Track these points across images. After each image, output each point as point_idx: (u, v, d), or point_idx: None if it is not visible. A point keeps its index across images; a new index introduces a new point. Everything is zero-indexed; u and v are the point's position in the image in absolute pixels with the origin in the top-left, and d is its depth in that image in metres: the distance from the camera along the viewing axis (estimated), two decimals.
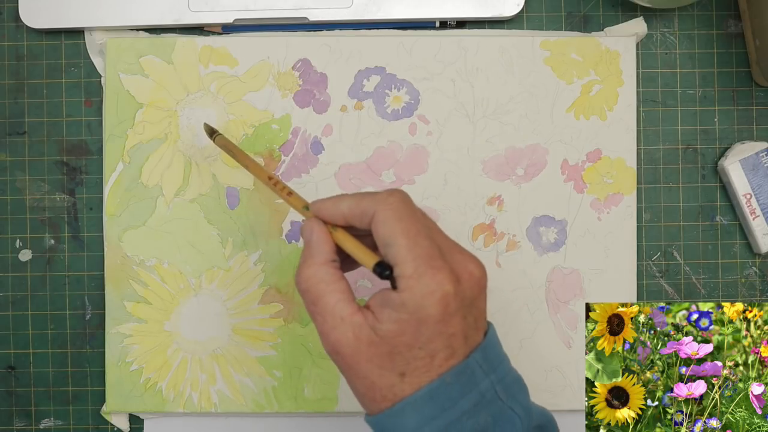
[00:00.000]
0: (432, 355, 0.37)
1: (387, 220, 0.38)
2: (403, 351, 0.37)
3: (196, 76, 0.54)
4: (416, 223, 0.38)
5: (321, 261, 0.39)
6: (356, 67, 0.54)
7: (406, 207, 0.38)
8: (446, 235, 0.40)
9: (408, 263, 0.37)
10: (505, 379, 0.39)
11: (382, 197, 0.38)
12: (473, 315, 0.38)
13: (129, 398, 0.54)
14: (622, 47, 0.54)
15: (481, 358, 0.38)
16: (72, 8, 0.53)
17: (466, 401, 0.37)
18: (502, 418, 0.38)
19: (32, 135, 0.55)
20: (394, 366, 0.37)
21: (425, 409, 0.37)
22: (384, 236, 0.38)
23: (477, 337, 0.39)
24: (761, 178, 0.54)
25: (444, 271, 0.37)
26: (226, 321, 0.54)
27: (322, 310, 0.38)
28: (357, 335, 0.37)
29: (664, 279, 0.56)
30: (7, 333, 0.55)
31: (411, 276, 0.36)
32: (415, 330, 0.36)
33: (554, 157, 0.54)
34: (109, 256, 0.54)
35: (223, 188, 0.54)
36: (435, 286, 0.36)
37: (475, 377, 0.38)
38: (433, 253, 0.37)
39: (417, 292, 0.36)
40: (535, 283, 0.54)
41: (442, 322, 0.37)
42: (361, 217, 0.39)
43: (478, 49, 0.54)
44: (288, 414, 0.54)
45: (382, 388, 0.37)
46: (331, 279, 0.39)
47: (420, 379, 0.37)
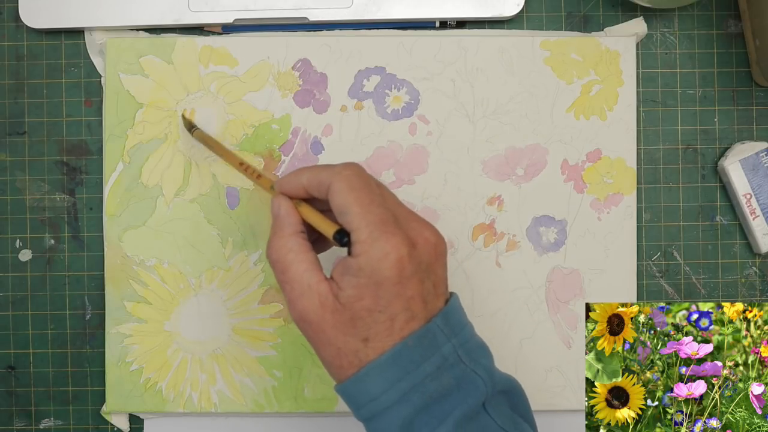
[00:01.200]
0: (392, 319, 0.38)
1: (341, 191, 0.39)
2: (364, 316, 0.38)
3: (196, 76, 0.54)
4: (369, 193, 0.40)
5: (290, 232, 0.41)
6: (356, 67, 0.54)
7: (359, 178, 0.40)
8: (405, 206, 0.42)
9: (362, 229, 0.38)
10: (468, 344, 0.40)
11: (337, 169, 0.40)
12: (431, 280, 0.40)
13: (129, 398, 0.54)
14: (622, 47, 0.54)
15: (443, 323, 0.39)
16: (72, 8, 0.53)
17: (428, 364, 0.39)
18: (465, 381, 0.39)
19: (32, 135, 0.55)
20: (357, 332, 0.38)
21: (389, 372, 0.38)
22: (339, 205, 0.39)
23: (437, 302, 0.40)
24: (761, 178, 0.54)
25: (398, 235, 0.38)
26: (226, 321, 0.54)
27: (291, 278, 0.40)
28: (322, 303, 0.39)
29: (664, 279, 0.56)
30: (7, 333, 0.55)
31: (365, 241, 0.38)
32: (373, 293, 0.38)
33: (554, 157, 0.54)
34: (109, 256, 0.54)
35: (223, 188, 0.54)
36: (389, 248, 0.38)
37: (437, 341, 0.39)
38: (387, 219, 0.39)
39: (372, 256, 0.38)
40: (535, 283, 0.54)
41: (399, 284, 0.38)
42: (319, 188, 0.41)
43: (478, 49, 0.54)
44: (288, 414, 0.54)
45: (347, 354, 0.39)
46: (299, 249, 0.40)
47: (383, 343, 0.38)
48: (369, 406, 0.39)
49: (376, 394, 0.38)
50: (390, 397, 0.38)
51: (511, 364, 0.54)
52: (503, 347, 0.54)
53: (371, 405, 0.39)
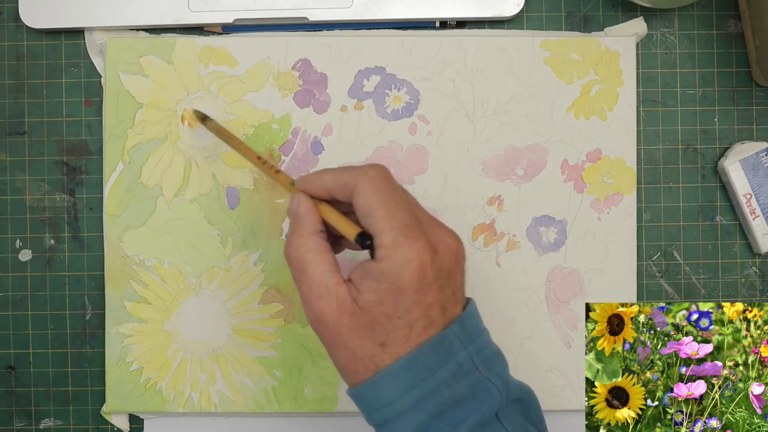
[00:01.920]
0: (411, 325, 0.38)
1: (366, 192, 0.39)
2: (383, 321, 0.38)
3: (196, 76, 0.54)
4: (395, 196, 0.39)
5: (309, 231, 0.40)
6: (356, 67, 0.54)
7: (385, 180, 0.39)
8: (426, 210, 0.41)
9: (386, 233, 0.38)
10: (484, 351, 0.40)
11: (362, 170, 0.40)
12: (450, 287, 0.39)
13: (129, 398, 0.54)
14: (622, 47, 0.54)
15: (459, 330, 0.39)
16: (72, 8, 0.53)
17: (444, 371, 0.38)
18: (480, 388, 0.39)
19: (32, 135, 0.55)
20: (374, 336, 0.38)
21: (404, 378, 0.38)
22: (363, 207, 0.39)
23: (455, 309, 0.40)
24: (761, 178, 0.54)
25: (421, 241, 0.38)
26: (226, 321, 0.54)
27: (308, 279, 0.39)
28: (340, 305, 0.38)
29: (664, 279, 0.56)
30: (7, 333, 0.55)
31: (389, 245, 0.38)
32: (394, 299, 0.37)
33: (554, 157, 0.54)
34: (109, 256, 0.54)
35: (223, 188, 0.54)
36: (413, 254, 0.37)
37: (453, 348, 0.39)
38: (411, 223, 0.38)
39: (395, 261, 0.37)
40: (535, 283, 0.54)
41: (419, 291, 0.38)
42: (344, 190, 0.40)
43: (478, 49, 0.54)
44: (288, 414, 0.54)
45: (363, 358, 0.38)
46: (319, 249, 0.40)
47: (399, 349, 0.38)
48: (383, 411, 0.38)
49: (390, 400, 0.38)
50: (404, 403, 0.38)
51: (511, 364, 0.53)
52: (503, 347, 0.53)
53: (385, 410, 0.38)
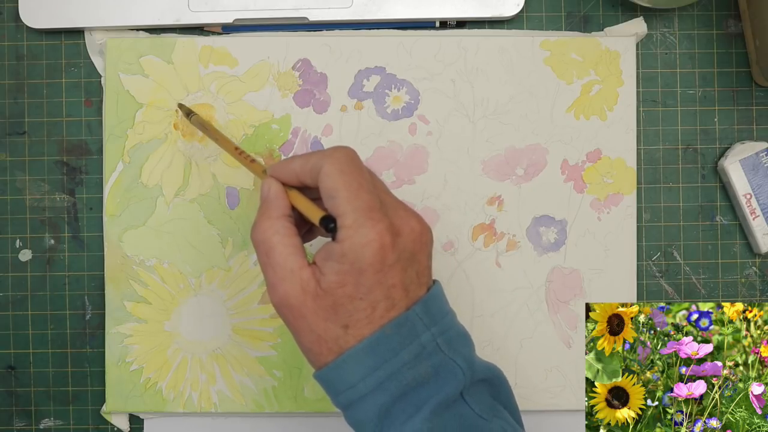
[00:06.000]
0: (373, 306, 0.38)
1: (331, 173, 0.39)
2: (345, 303, 0.38)
3: (196, 76, 0.54)
4: (359, 177, 0.39)
5: (277, 215, 0.40)
6: (356, 67, 0.54)
7: (351, 162, 0.40)
8: (393, 195, 0.41)
9: (348, 214, 0.38)
10: (448, 333, 0.40)
11: (328, 152, 0.40)
12: (414, 269, 0.39)
13: (129, 398, 0.54)
14: (622, 47, 0.54)
15: (422, 311, 0.39)
16: (72, 8, 0.53)
17: (406, 353, 0.38)
18: (444, 369, 0.39)
19: (32, 135, 0.55)
20: (338, 318, 0.38)
21: (367, 360, 0.38)
22: (327, 189, 0.39)
23: (419, 291, 0.40)
24: (761, 178, 0.54)
25: (383, 222, 0.38)
26: (226, 321, 0.54)
27: (274, 261, 0.39)
28: (304, 288, 0.38)
29: (664, 279, 0.56)
30: (7, 333, 0.55)
31: (350, 226, 0.38)
32: (355, 280, 0.38)
33: (554, 157, 0.54)
34: (109, 256, 0.54)
35: (223, 188, 0.54)
36: (374, 235, 0.38)
37: (416, 329, 0.39)
38: (374, 205, 0.38)
39: (356, 242, 0.38)
40: (535, 283, 0.54)
41: (380, 272, 0.38)
42: (311, 173, 0.40)
43: (478, 49, 0.54)
44: (288, 414, 0.54)
45: (327, 341, 0.39)
46: (285, 232, 0.40)
47: (362, 330, 0.38)
48: (347, 393, 0.39)
49: (353, 382, 0.38)
50: (367, 385, 0.38)
51: (511, 364, 0.54)
52: (503, 347, 0.54)
53: (349, 392, 0.39)
